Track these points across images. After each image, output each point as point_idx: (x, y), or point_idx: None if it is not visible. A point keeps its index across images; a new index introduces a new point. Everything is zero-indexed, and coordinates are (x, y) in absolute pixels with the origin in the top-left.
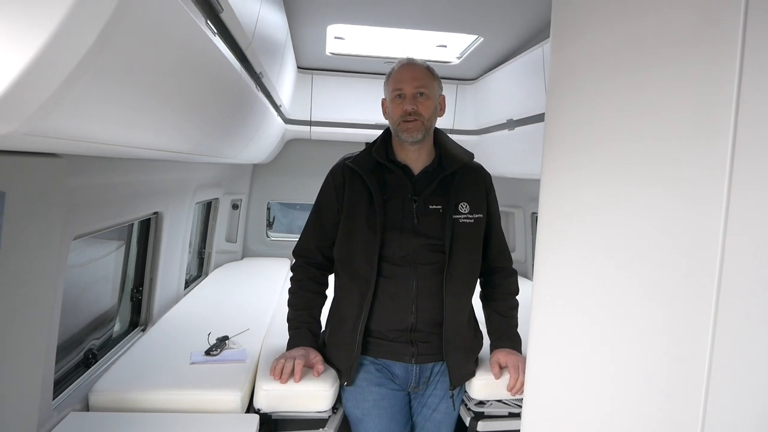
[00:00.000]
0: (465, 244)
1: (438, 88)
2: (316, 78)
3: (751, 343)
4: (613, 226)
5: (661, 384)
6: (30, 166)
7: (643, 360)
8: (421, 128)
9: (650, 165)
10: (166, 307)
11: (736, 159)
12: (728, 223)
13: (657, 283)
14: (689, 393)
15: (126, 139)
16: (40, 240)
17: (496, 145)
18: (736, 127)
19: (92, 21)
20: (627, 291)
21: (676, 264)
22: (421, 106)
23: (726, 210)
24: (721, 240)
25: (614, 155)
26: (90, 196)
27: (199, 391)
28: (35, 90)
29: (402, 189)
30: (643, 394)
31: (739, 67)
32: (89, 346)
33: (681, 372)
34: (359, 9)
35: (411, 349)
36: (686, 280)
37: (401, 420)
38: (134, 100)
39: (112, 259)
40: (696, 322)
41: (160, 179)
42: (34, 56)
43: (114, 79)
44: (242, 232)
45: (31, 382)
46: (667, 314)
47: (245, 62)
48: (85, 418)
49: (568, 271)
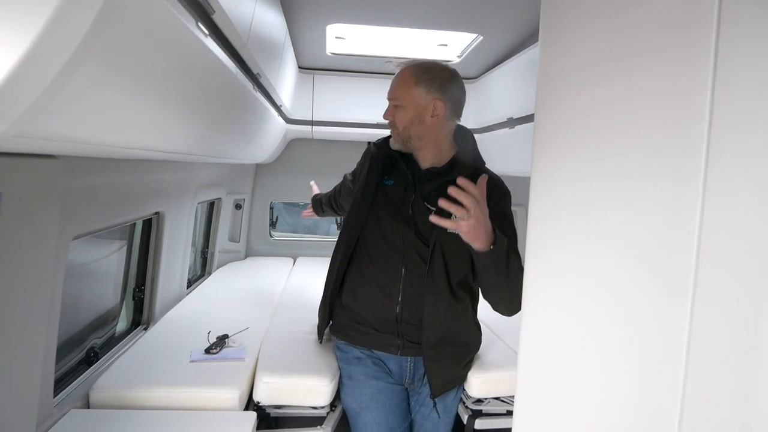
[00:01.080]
0: (448, 252)
1: (422, 94)
2: (318, 78)
3: (724, 337)
4: (597, 219)
5: (643, 375)
6: (26, 167)
7: (625, 354)
8: (397, 137)
9: (630, 160)
10: (168, 306)
11: (711, 153)
12: (704, 212)
13: (637, 276)
14: (668, 383)
15: (119, 140)
16: (38, 240)
17: (496, 144)
18: (711, 121)
19: (77, 24)
20: (612, 284)
21: (656, 256)
22: (396, 117)
23: (702, 200)
24: (697, 233)
25: (598, 151)
26: (89, 196)
27: (199, 389)
28: (22, 92)
29: (404, 179)
30: (628, 387)
31: (713, 64)
32: (91, 344)
33: (661, 363)
34: (357, 9)
35: (397, 341)
36: (664, 270)
37: (399, 414)
38: (125, 101)
39: (115, 258)
40: (674, 315)
41: (161, 179)
42: (20, 58)
43: (103, 81)
44: (245, 232)
45: (30, 380)
46: (646, 306)
47: (241, 63)
48: (86, 415)
49: (557, 264)
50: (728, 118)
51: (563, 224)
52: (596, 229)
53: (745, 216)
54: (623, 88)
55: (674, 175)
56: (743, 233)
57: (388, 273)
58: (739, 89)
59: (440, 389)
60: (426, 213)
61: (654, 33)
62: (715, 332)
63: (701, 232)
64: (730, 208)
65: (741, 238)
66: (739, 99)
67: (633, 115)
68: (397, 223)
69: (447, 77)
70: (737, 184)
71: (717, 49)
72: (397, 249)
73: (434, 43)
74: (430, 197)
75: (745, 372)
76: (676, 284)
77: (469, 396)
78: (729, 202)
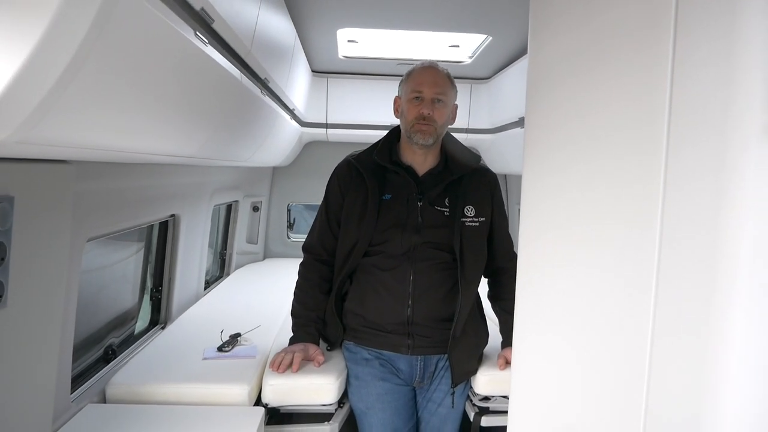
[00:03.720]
0: (472, 247)
1: (454, 97)
2: (332, 81)
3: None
4: (577, 219)
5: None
6: (38, 172)
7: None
8: (434, 134)
9: (603, 157)
10: (185, 306)
11: (671, 146)
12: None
13: (608, 271)
14: (634, 378)
15: (126, 145)
16: (51, 242)
17: (509, 143)
18: (670, 115)
19: (73, 33)
20: (597, 277)
21: (626, 246)
22: (437, 113)
23: (663, 187)
24: (659, 223)
25: (581, 148)
26: (103, 199)
27: (210, 385)
28: (24, 98)
29: (407, 189)
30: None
31: (671, 60)
32: (109, 342)
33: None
34: (366, 13)
35: (407, 341)
36: (629, 264)
37: (405, 414)
38: (126, 107)
39: (133, 260)
40: (640, 309)
41: (176, 183)
42: (21, 64)
43: (103, 87)
44: (263, 234)
45: (46, 376)
46: (618, 296)
47: (248, 68)
48: (102, 410)
49: (549, 260)
50: (684, 117)
51: (552, 225)
52: (576, 228)
53: (702, 212)
54: (592, 95)
55: (635, 170)
56: (702, 226)
57: (396, 278)
58: (694, 90)
59: (460, 378)
60: (438, 216)
61: (618, 35)
62: (676, 313)
63: (662, 222)
64: (688, 202)
65: (700, 231)
66: (694, 99)
67: (601, 119)
68: (405, 233)
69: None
70: (695, 178)
71: (674, 55)
72: (407, 257)
73: (446, 45)
74: (439, 202)
75: (701, 356)
76: (642, 275)
77: (476, 393)
78: (688, 197)
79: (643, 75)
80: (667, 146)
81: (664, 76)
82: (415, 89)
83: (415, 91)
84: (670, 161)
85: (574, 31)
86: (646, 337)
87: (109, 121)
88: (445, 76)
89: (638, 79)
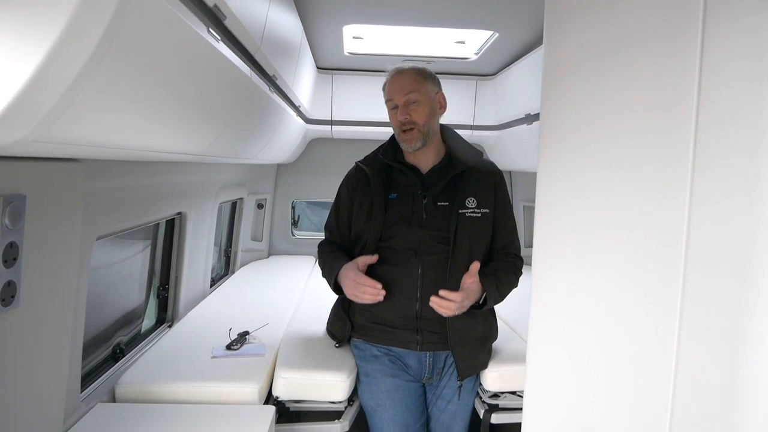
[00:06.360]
0: (469, 236)
1: (431, 88)
2: (336, 78)
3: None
4: (599, 216)
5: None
6: (49, 170)
7: (619, 345)
8: (419, 136)
9: (625, 160)
10: (192, 304)
11: (698, 147)
12: (692, 205)
13: (633, 270)
14: (659, 381)
15: (137, 143)
16: (62, 240)
17: (515, 140)
18: (698, 117)
19: (90, 31)
20: (616, 278)
21: (648, 250)
22: (414, 114)
23: (690, 193)
24: (686, 228)
25: (600, 148)
26: (111, 197)
27: (219, 384)
28: (40, 98)
29: (411, 186)
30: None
31: (699, 64)
32: (117, 341)
33: (652, 357)
34: (372, 9)
35: (416, 336)
36: (654, 267)
37: (415, 411)
38: (139, 105)
39: (140, 258)
40: (664, 310)
41: (183, 181)
42: (37, 66)
43: (118, 86)
44: (268, 231)
45: (57, 376)
46: (637, 301)
47: (256, 65)
48: (112, 409)
49: (565, 261)
50: (713, 124)
51: (569, 224)
52: (596, 229)
53: (732, 217)
54: (613, 97)
55: (662, 172)
56: (730, 230)
57: (405, 273)
58: (724, 92)
59: (467, 372)
60: (441, 210)
61: (643, 36)
62: (704, 316)
63: (689, 233)
64: (717, 210)
65: (728, 236)
66: (724, 101)
67: (623, 122)
68: (412, 230)
69: (435, 74)
70: (723, 182)
71: (702, 50)
72: (414, 253)
73: (451, 41)
74: (442, 197)
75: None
76: (666, 281)
77: (486, 390)
78: (716, 204)
79: (670, 79)
80: (694, 153)
81: (692, 80)
82: (389, 99)
83: (389, 101)
84: (697, 168)
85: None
86: (672, 338)
87: (124, 120)
88: (414, 73)
89: (665, 84)
